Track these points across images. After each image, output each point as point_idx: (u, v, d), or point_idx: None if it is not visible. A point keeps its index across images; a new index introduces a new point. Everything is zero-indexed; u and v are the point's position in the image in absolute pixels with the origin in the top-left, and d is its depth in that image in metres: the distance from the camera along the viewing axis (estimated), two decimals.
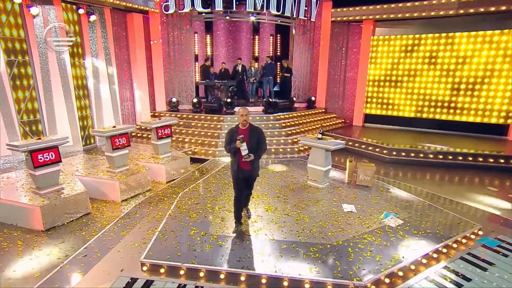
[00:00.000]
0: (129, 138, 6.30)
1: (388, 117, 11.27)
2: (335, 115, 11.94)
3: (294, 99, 11.38)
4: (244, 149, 3.91)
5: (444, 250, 3.94)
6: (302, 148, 8.70)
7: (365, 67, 11.33)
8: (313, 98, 11.77)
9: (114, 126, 6.30)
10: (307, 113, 11.00)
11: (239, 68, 11.85)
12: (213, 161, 7.84)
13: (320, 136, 5.72)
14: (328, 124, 11.06)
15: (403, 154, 8.25)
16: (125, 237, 4.28)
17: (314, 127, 10.17)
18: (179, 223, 4.44)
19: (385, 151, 8.46)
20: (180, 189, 5.95)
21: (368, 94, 11.57)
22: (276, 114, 9.89)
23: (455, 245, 4.06)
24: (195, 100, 10.52)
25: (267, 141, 4.47)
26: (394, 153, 8.32)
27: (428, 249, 3.86)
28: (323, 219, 4.59)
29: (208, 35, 13.51)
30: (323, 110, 11.85)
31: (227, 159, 7.96)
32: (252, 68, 11.39)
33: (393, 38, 10.84)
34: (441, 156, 8.00)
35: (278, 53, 13.63)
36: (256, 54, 14.21)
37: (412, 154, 8.19)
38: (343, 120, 11.79)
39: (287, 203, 5.15)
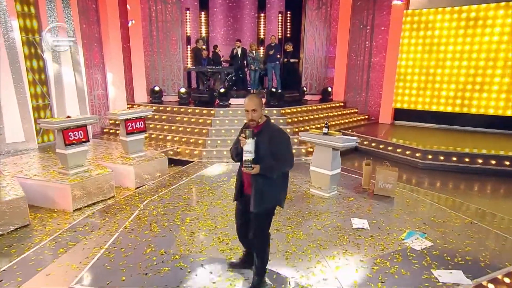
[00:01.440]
0: (87, 132, 6.06)
1: (425, 113, 10.86)
2: (356, 110, 11.66)
3: (305, 89, 11.04)
4: (248, 150, 2.87)
5: (491, 286, 3.49)
6: (312, 149, 8.27)
7: (396, 50, 10.95)
8: (329, 89, 11.55)
9: (68, 116, 6.07)
10: (320, 107, 10.76)
11: (238, 51, 11.62)
12: (198, 164, 7.67)
13: (325, 130, 5.37)
14: (347, 120, 10.77)
15: (442, 158, 7.86)
16: (63, 256, 3.99)
17: (328, 124, 9.73)
18: (134, 238, 4.21)
19: (417, 154, 8.07)
20: (149, 196, 5.77)
21: (400, 84, 11.16)
22: (280, 108, 9.57)
23: (507, 280, 3.60)
24: (182, 90, 10.33)
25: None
26: (430, 156, 7.94)
27: (466, 283, 3.41)
28: (323, 237, 4.24)
29: (202, 12, 13.36)
30: (342, 104, 11.59)
31: (216, 161, 7.72)
32: (254, 52, 11.09)
33: (433, 12, 10.35)
34: (494, 162, 7.56)
35: (288, 34, 13.37)
36: (262, 36, 13.99)
37: (454, 159, 7.77)
38: (366, 116, 11.53)
39: (280, 215, 4.85)
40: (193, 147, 8.35)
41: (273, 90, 9.92)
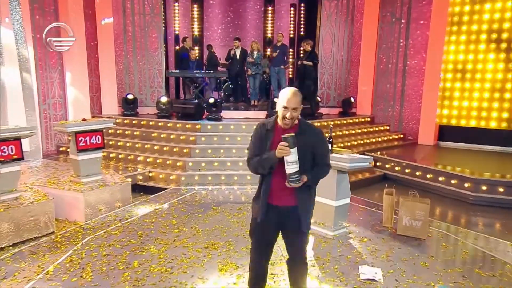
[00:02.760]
0: (21, 147, 5.92)
1: (481, 131, 10.53)
2: (387, 127, 11.52)
3: (319, 99, 10.99)
4: (292, 161, 2.94)
5: None
6: None
7: (440, 50, 10.78)
8: (351, 100, 11.56)
9: None
10: (339, 122, 10.68)
11: (236, 53, 11.73)
12: (173, 192, 7.60)
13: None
14: (375, 140, 10.62)
15: (501, 190, 7.52)
16: None
17: (349, 143, 9.71)
18: None
19: (467, 185, 7.75)
20: (97, 231, 5.65)
21: (446, 94, 10.94)
22: None
23: None
24: (162, 99, 10.29)
25: None
26: (484, 187, 7.63)
27: None
28: None
29: (195, 5, 13.61)
30: (368, 119, 11.51)
31: (197, 189, 7.61)
32: (255, 53, 11.10)
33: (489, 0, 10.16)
34: None
35: (302, 33, 13.52)
36: (269, 35, 14.13)
37: None
38: (401, 135, 11.37)
39: None
40: (170, 170, 8.35)
41: (276, 100, 9.77)
